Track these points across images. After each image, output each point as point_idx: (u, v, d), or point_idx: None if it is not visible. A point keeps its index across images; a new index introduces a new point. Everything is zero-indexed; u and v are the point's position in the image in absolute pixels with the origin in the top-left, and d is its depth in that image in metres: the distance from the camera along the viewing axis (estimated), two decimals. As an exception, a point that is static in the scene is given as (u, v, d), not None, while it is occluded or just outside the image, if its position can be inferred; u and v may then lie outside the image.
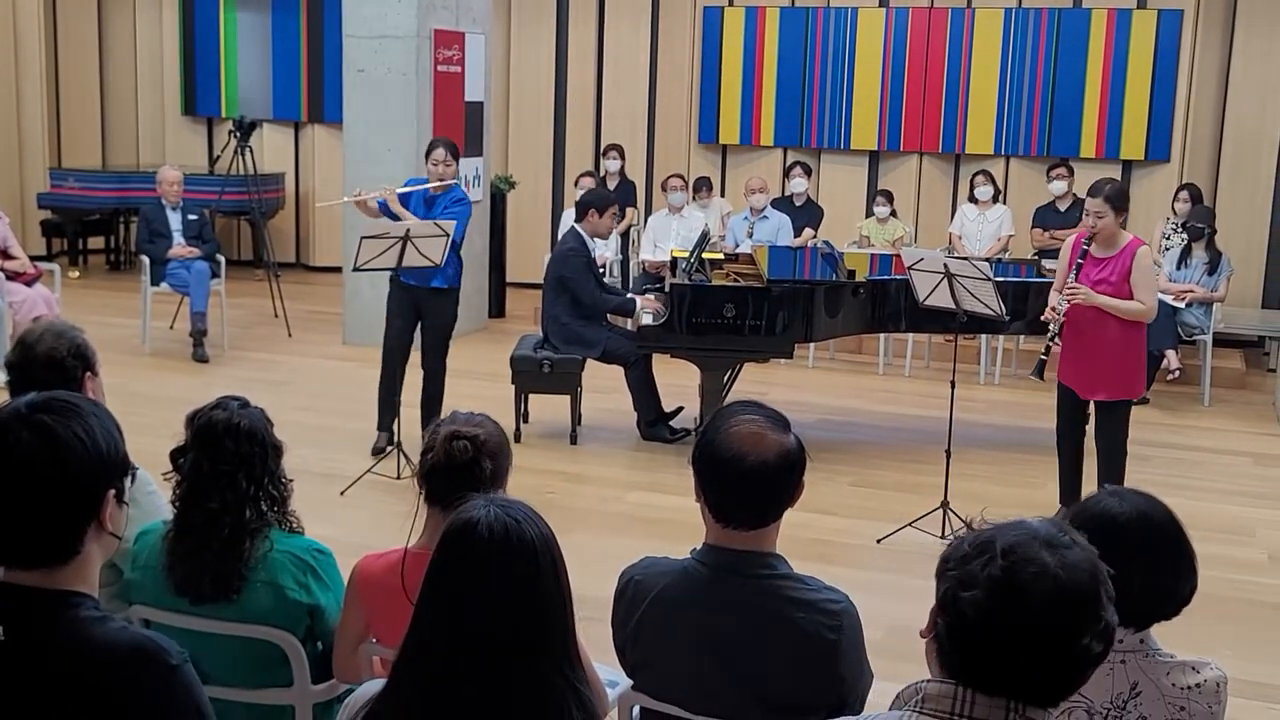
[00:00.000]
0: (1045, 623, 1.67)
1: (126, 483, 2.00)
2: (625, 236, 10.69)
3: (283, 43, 12.85)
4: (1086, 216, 5.87)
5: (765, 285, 7.15)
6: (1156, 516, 2.37)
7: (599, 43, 12.17)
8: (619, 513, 6.40)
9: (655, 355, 7.46)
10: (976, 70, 10.96)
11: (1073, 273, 5.86)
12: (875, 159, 11.48)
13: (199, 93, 13.24)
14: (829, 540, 5.92)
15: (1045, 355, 6.08)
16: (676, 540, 3.21)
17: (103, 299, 11.03)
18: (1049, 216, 9.93)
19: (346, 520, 5.82)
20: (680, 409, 7.72)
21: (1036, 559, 1.69)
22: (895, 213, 10.24)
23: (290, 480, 3.06)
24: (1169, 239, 9.59)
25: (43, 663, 1.87)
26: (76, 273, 12.24)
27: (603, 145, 11.40)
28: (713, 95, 11.68)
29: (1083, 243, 5.87)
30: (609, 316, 7.85)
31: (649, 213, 11.11)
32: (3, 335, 8.08)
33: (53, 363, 3.13)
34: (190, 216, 9.51)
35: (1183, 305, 8.88)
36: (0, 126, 12.47)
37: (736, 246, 9.22)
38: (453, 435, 2.79)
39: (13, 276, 8.61)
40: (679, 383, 7.82)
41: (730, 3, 11.62)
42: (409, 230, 6.53)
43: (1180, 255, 9.18)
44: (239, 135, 11.03)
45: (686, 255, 7.76)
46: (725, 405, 2.72)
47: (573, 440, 7.51)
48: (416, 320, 7.13)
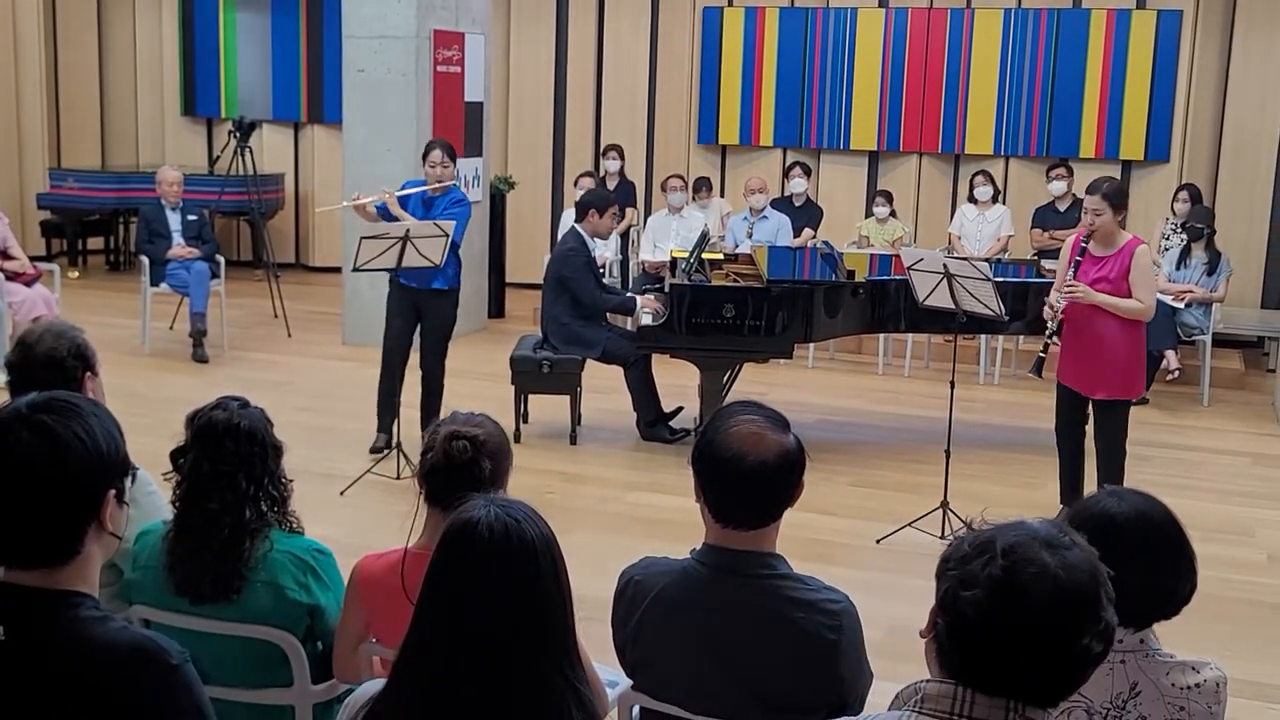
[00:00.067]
0: (1045, 623, 1.67)
1: (127, 483, 2.00)
2: (625, 237, 10.69)
3: (282, 43, 12.84)
4: (1085, 214, 5.88)
5: (765, 285, 7.15)
6: (1156, 516, 2.37)
7: (598, 43, 12.17)
8: (618, 513, 6.39)
9: (655, 355, 7.46)
10: (976, 70, 10.96)
11: (1071, 270, 5.86)
12: (875, 159, 11.48)
13: (199, 93, 13.24)
14: (829, 540, 5.92)
15: (1044, 353, 6.09)
16: (676, 540, 3.21)
17: (102, 299, 11.02)
18: (1048, 217, 9.92)
19: (346, 520, 5.82)
20: (680, 409, 7.72)
21: (1036, 559, 1.69)
22: (895, 213, 10.24)
23: (290, 480, 3.06)
24: (1168, 239, 9.59)
25: (43, 663, 1.87)
26: (76, 273, 12.23)
27: (602, 145, 11.40)
28: (712, 95, 11.68)
29: (1081, 241, 5.88)
30: (609, 316, 7.85)
31: (648, 213, 11.11)
32: (2, 335, 8.08)
33: (53, 363, 3.13)
34: (190, 217, 9.50)
35: (1182, 305, 8.88)
36: (0, 126, 12.47)
37: (736, 247, 9.22)
38: (452, 435, 2.79)
39: (12, 277, 8.61)
40: (679, 383, 7.83)
41: (730, 3, 11.62)
42: (409, 230, 6.53)
43: (1179, 255, 9.18)
44: (239, 136, 11.03)
45: (686, 255, 7.76)
46: (725, 405, 2.72)
47: (572, 440, 7.51)
48: (416, 321, 7.13)
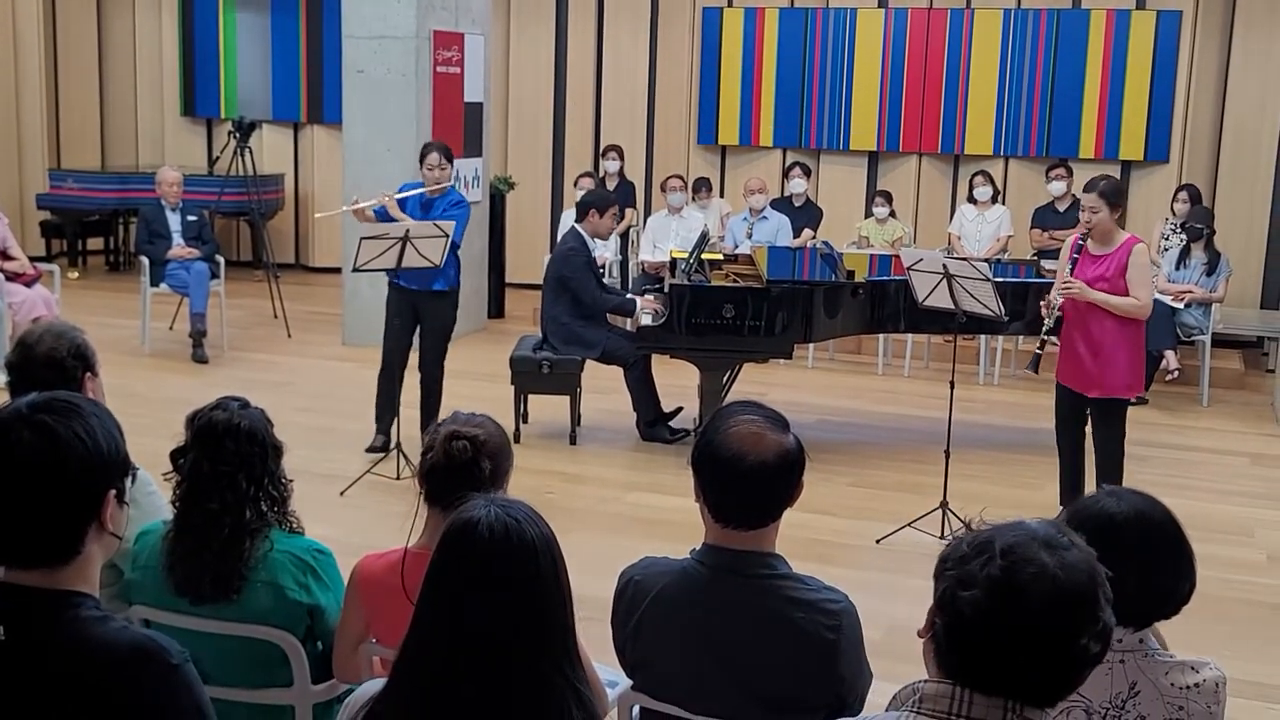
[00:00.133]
0: (1043, 623, 1.67)
1: (127, 483, 2.01)
2: (624, 237, 10.69)
3: (282, 43, 12.85)
4: (1082, 212, 5.89)
5: (764, 286, 7.15)
6: (1155, 516, 2.37)
7: (598, 43, 12.17)
8: (618, 513, 6.40)
9: (655, 356, 7.46)
10: (976, 71, 10.96)
11: (1069, 268, 5.87)
12: (874, 159, 11.48)
13: (198, 93, 13.24)
14: (828, 540, 5.92)
15: (1040, 350, 6.09)
16: (676, 540, 3.21)
17: (102, 300, 11.03)
18: (1048, 217, 9.93)
19: (346, 520, 5.81)
20: (680, 409, 7.73)
21: (1035, 559, 1.69)
22: (894, 213, 10.25)
23: (290, 480, 3.06)
24: (1168, 239, 9.59)
25: (43, 662, 1.87)
26: (76, 273, 12.23)
27: (602, 146, 11.40)
28: (712, 96, 11.68)
29: (1079, 239, 5.88)
30: (608, 317, 7.85)
31: (648, 213, 11.11)
32: (2, 336, 8.08)
33: (53, 363, 3.13)
34: (190, 217, 9.50)
35: (1181, 306, 8.88)
36: (0, 127, 12.47)
37: (736, 247, 9.23)
38: (452, 435, 2.79)
39: (12, 277, 8.61)
40: (678, 383, 7.83)
41: (729, 3, 11.62)
42: (408, 231, 6.54)
43: (1179, 256, 9.18)
44: (238, 136, 11.03)
45: (686, 256, 7.76)
46: (724, 405, 2.72)
47: (572, 441, 7.51)
48: (416, 322, 7.13)
